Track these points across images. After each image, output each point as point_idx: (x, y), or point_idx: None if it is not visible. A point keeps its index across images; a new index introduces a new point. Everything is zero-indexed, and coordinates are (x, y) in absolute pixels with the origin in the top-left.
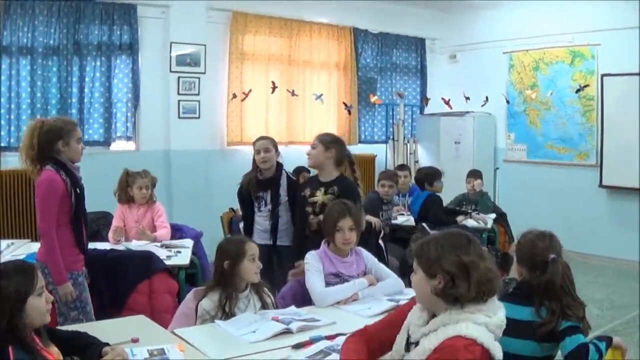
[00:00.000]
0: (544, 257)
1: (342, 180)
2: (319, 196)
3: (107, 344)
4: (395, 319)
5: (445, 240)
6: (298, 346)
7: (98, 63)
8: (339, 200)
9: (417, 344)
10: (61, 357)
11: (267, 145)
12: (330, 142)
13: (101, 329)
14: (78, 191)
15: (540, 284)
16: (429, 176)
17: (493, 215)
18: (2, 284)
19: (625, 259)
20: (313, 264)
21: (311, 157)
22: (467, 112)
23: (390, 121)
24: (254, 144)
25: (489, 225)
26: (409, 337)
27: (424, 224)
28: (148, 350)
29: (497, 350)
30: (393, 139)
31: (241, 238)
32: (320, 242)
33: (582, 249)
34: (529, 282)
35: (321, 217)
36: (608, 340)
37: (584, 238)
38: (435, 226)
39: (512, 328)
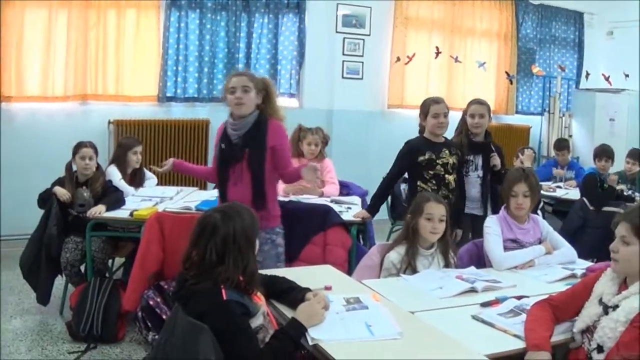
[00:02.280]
0: None
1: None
2: (447, 157)
3: (309, 289)
4: (579, 290)
5: None
6: (486, 304)
7: (265, 20)
8: (519, 167)
9: (615, 307)
10: (264, 300)
11: (482, 111)
12: None
13: (292, 276)
14: (222, 146)
15: None
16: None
17: None
18: (237, 224)
19: None
20: (493, 228)
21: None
22: (623, 90)
23: (547, 94)
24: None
25: None
26: (605, 303)
27: (584, 199)
28: (344, 298)
29: None
30: (549, 111)
31: (426, 196)
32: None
33: None
34: None
35: (455, 176)
36: None
37: None
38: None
39: None
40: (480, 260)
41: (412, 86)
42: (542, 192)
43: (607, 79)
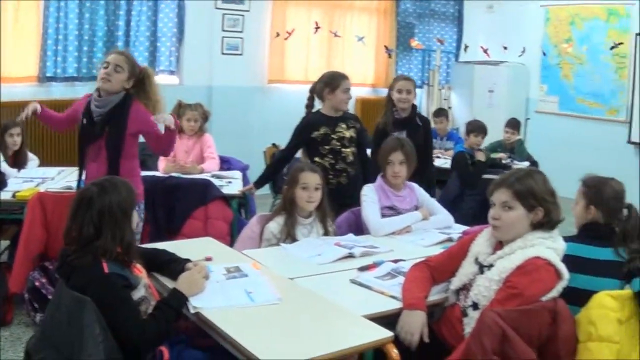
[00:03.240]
0: (621, 201)
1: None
2: (344, 130)
3: (189, 260)
4: (456, 251)
5: (535, 174)
6: (364, 268)
7: None
8: (395, 137)
9: (490, 266)
10: (145, 272)
11: (409, 86)
12: None
13: (173, 249)
14: (84, 121)
15: (625, 227)
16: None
17: (526, 163)
18: (113, 197)
19: None
20: (369, 196)
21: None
22: (502, 62)
23: (427, 67)
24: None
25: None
26: (480, 263)
27: None
28: (225, 268)
29: (565, 272)
30: (428, 84)
31: (301, 166)
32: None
33: None
34: (607, 224)
35: (354, 149)
36: None
37: None
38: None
39: (594, 267)
40: (359, 228)
41: (292, 61)
42: None
43: (485, 51)
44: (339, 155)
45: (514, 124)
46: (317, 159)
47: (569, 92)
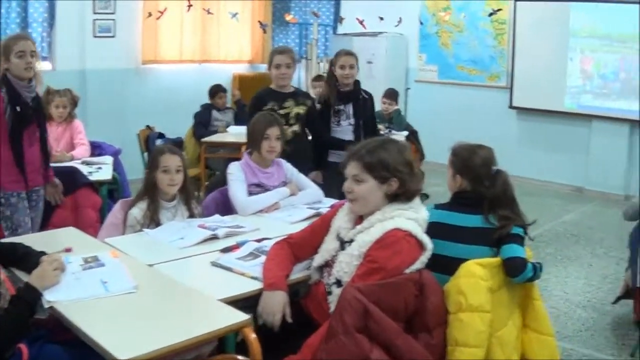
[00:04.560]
0: (488, 168)
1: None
2: (291, 107)
3: (44, 253)
4: (318, 227)
5: (389, 146)
6: (226, 250)
7: None
8: (267, 111)
9: (351, 242)
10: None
11: (352, 61)
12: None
13: (33, 241)
14: (18, 109)
15: (492, 194)
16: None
17: (405, 133)
18: None
19: (532, 177)
20: (235, 174)
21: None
22: (380, 33)
23: (304, 40)
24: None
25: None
26: (341, 238)
27: None
28: (83, 258)
29: (428, 242)
30: (306, 58)
31: (161, 149)
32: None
33: None
34: (475, 192)
35: (296, 127)
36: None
37: None
38: None
39: (463, 235)
40: (228, 207)
41: (166, 41)
42: None
43: (361, 22)
44: None
45: (391, 95)
46: None
47: (448, 61)
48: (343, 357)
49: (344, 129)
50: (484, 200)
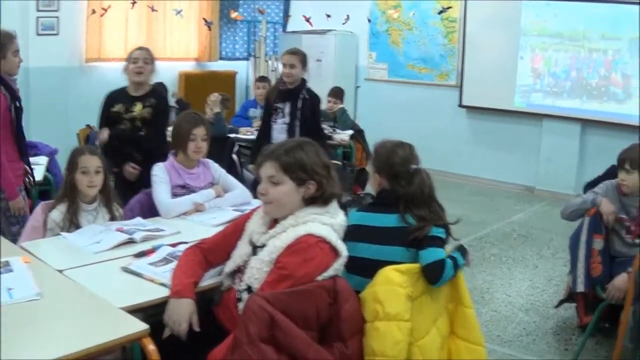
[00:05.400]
0: (406, 166)
1: (156, 92)
2: (138, 111)
3: None
4: (231, 231)
5: (306, 147)
6: (140, 254)
7: None
8: (192, 111)
9: (263, 247)
10: None
11: (292, 61)
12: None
13: None
14: (18, 104)
15: (408, 193)
16: None
17: (350, 132)
18: None
19: (482, 177)
20: (159, 176)
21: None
22: (329, 30)
23: (252, 38)
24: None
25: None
26: (253, 243)
27: None
28: None
29: (343, 248)
30: (255, 56)
31: (80, 149)
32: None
33: (441, 167)
34: (393, 191)
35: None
36: (463, 250)
37: (443, 157)
38: None
39: (380, 235)
40: (153, 209)
41: (110, 39)
42: (238, 135)
43: (307, 19)
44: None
45: (336, 93)
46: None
47: (398, 59)
48: None
49: (279, 128)
50: (400, 200)
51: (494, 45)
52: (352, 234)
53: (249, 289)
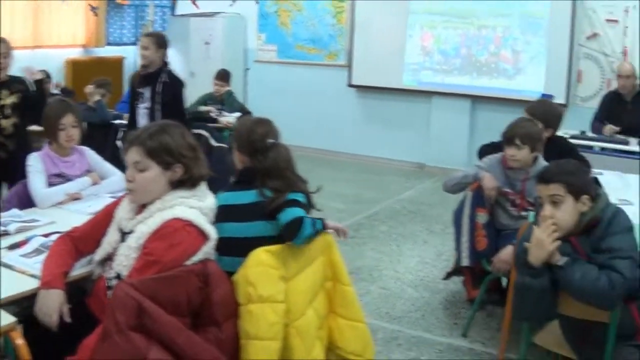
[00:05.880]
0: (264, 142)
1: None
2: (5, 98)
3: None
4: (101, 218)
5: (170, 129)
6: (13, 246)
7: None
8: (58, 98)
9: (132, 233)
10: None
11: (144, 43)
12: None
13: None
14: None
15: (264, 167)
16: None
17: (237, 114)
18: None
19: (373, 155)
20: (34, 166)
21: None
22: (218, 13)
23: (140, 23)
24: None
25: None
26: (122, 229)
27: None
28: None
29: (211, 232)
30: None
31: None
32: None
33: (331, 147)
34: (252, 167)
35: (15, 119)
36: (323, 221)
37: (333, 136)
38: None
39: (242, 213)
40: (32, 200)
41: None
42: (123, 121)
43: (194, 2)
44: None
45: (222, 76)
46: None
47: (287, 40)
48: (118, 358)
49: (142, 112)
50: (257, 175)
51: (383, 24)
52: (219, 215)
53: (118, 277)
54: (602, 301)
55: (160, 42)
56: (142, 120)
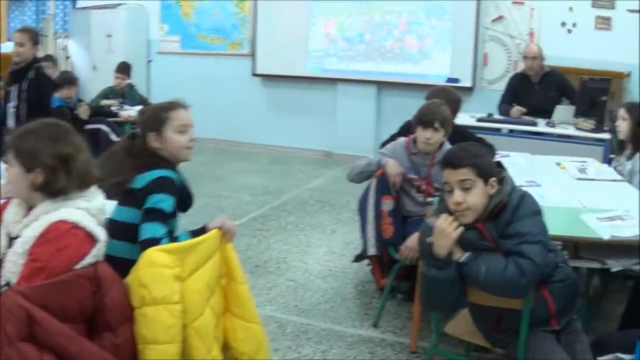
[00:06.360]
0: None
1: None
2: None
3: None
4: None
5: (43, 132)
6: None
7: None
8: None
9: (19, 237)
10: None
11: (17, 39)
12: None
13: None
14: None
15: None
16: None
17: (139, 107)
18: None
19: (279, 145)
20: None
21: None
22: (120, 5)
23: (41, 17)
24: None
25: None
26: (9, 234)
27: None
28: None
29: (99, 233)
30: (43, 34)
31: None
32: None
33: (237, 137)
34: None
35: None
36: (199, 231)
37: (239, 127)
38: None
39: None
40: None
41: None
42: None
43: None
44: None
45: (123, 69)
46: None
47: (190, 30)
48: None
49: (10, 113)
50: None
51: (286, 12)
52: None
53: (8, 285)
54: (513, 291)
55: (36, 38)
56: (10, 120)
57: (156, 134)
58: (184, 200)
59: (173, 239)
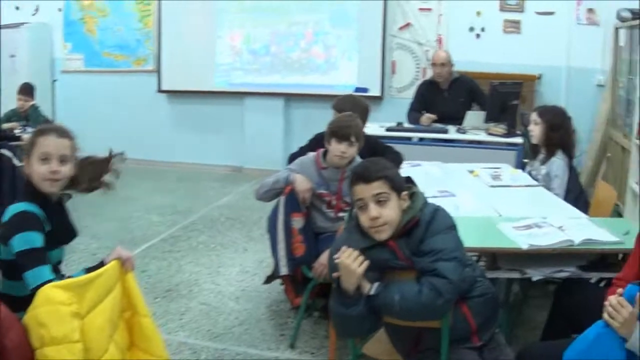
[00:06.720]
0: None
1: None
2: None
3: None
4: None
5: None
6: None
7: None
8: None
9: None
10: None
11: None
12: None
13: None
14: None
15: None
16: None
17: None
18: None
19: (187, 162)
20: None
21: None
22: (22, 24)
23: None
24: None
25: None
26: None
27: None
28: None
29: None
30: None
31: None
32: None
33: (144, 156)
34: None
35: None
36: (96, 267)
37: (146, 145)
38: None
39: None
40: None
41: None
42: None
43: None
44: None
45: (26, 90)
46: None
47: (94, 48)
48: None
49: None
50: None
51: (191, 26)
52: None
53: None
54: (432, 313)
55: None
56: None
57: (26, 160)
58: (63, 233)
59: (61, 276)
